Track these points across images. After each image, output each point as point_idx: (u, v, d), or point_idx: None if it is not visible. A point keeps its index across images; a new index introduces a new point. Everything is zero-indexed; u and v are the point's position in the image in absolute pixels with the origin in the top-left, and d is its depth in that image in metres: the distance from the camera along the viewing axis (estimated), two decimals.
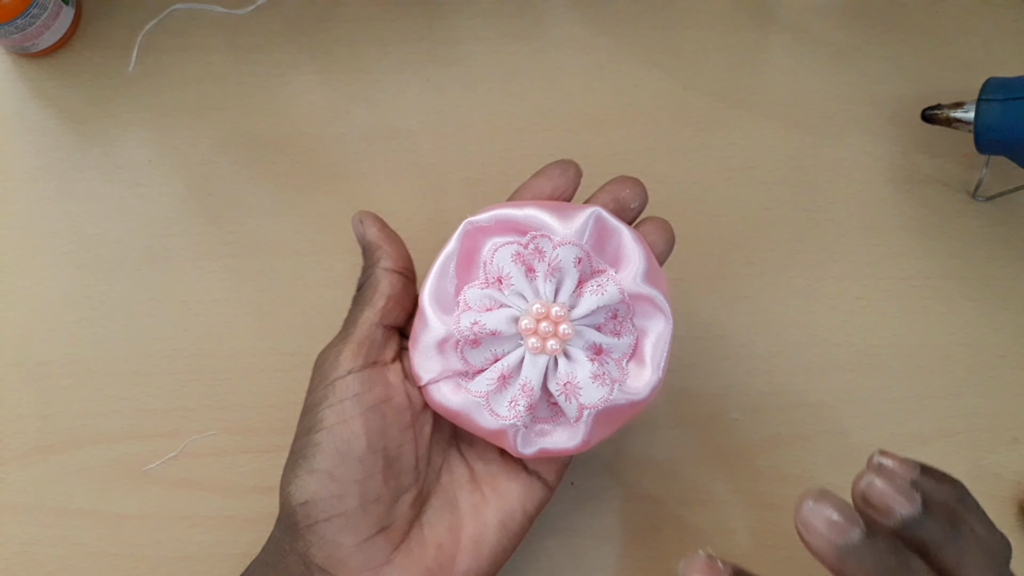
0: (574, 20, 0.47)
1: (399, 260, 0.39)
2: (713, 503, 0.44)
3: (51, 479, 0.44)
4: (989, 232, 0.46)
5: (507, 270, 0.36)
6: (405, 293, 0.39)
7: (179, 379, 0.44)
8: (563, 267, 0.36)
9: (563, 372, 0.36)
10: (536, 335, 0.36)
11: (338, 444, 0.36)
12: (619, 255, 0.37)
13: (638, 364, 0.37)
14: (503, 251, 0.36)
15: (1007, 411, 0.44)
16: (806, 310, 0.45)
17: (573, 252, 0.36)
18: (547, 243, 0.36)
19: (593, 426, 0.36)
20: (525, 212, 0.36)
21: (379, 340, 0.38)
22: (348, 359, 0.37)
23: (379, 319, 0.38)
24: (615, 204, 0.38)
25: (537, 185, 0.39)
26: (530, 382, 0.36)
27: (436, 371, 0.37)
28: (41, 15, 0.43)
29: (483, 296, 0.37)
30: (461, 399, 0.37)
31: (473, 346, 0.37)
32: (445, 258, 0.37)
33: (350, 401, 0.36)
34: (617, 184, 0.39)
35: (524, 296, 0.36)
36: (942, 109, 0.43)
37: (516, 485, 0.38)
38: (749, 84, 0.47)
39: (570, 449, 0.37)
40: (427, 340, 0.37)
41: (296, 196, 0.46)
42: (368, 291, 0.38)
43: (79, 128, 0.46)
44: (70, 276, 0.45)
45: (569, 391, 0.36)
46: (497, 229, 0.37)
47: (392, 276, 0.39)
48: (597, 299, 0.36)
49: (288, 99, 0.46)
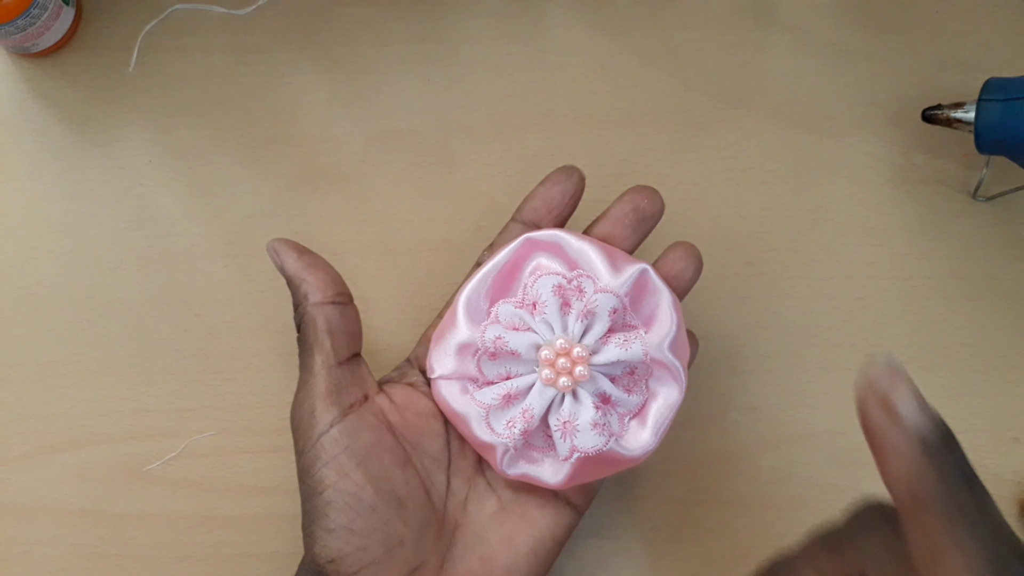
0: (574, 21, 0.47)
1: (327, 289, 0.38)
2: (713, 503, 0.44)
3: (51, 479, 0.44)
4: (989, 232, 0.46)
5: (544, 298, 0.36)
6: (345, 320, 0.38)
7: (179, 379, 0.44)
8: (598, 313, 0.36)
9: (567, 411, 0.36)
10: (552, 367, 0.36)
11: (348, 499, 0.36)
12: (654, 316, 0.37)
13: (640, 424, 0.37)
14: (545, 280, 0.37)
15: (1007, 411, 0.44)
16: (806, 310, 0.45)
17: (611, 302, 0.36)
18: (590, 284, 0.37)
19: (578, 467, 0.37)
20: (580, 246, 0.37)
21: (345, 380, 0.37)
22: (324, 412, 0.37)
23: (333, 360, 0.37)
24: (635, 214, 0.39)
25: (546, 192, 0.39)
26: (532, 409, 0.36)
27: (449, 370, 0.37)
28: (41, 15, 0.43)
29: (514, 315, 0.37)
30: (464, 404, 0.37)
31: (491, 359, 0.37)
32: (491, 267, 0.38)
33: (343, 455, 0.36)
34: (636, 194, 0.39)
35: (552, 328, 0.36)
36: (942, 109, 0.43)
37: (546, 513, 0.38)
38: (749, 84, 0.47)
39: (551, 484, 0.37)
40: (451, 340, 0.37)
41: (296, 196, 0.46)
42: (308, 333, 0.38)
43: (79, 128, 0.46)
44: (70, 276, 0.45)
45: (567, 430, 0.36)
46: (549, 250, 0.38)
47: (325, 310, 0.38)
48: (619, 353, 0.36)
49: (288, 99, 0.46)
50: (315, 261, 0.38)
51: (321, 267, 0.38)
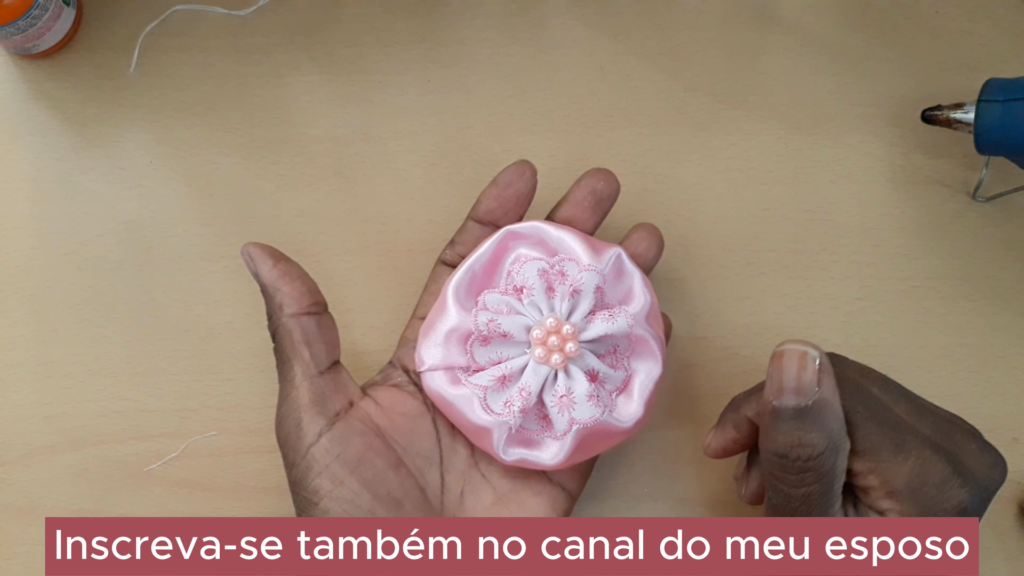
0: (575, 21, 0.47)
1: (302, 299, 0.38)
2: (713, 503, 0.44)
3: (53, 480, 0.44)
4: (989, 233, 0.46)
5: (531, 282, 0.38)
6: (323, 329, 0.38)
7: (180, 379, 0.44)
8: (583, 290, 0.37)
9: (562, 385, 0.37)
10: (544, 346, 0.37)
11: (345, 507, 0.36)
12: (629, 295, 0.39)
13: (626, 398, 0.39)
14: (530, 265, 0.38)
15: (1007, 411, 0.45)
16: (806, 310, 0.45)
17: (596, 280, 0.37)
18: (573, 267, 0.38)
19: (576, 444, 0.37)
20: (559, 234, 0.39)
21: (328, 389, 0.37)
22: (311, 423, 0.37)
23: (314, 370, 0.37)
24: (593, 196, 0.40)
25: (500, 195, 0.40)
26: (529, 387, 0.37)
27: (439, 359, 0.38)
28: (42, 16, 0.43)
29: (501, 301, 0.38)
30: (455, 391, 0.38)
31: (483, 343, 0.38)
32: (476, 258, 0.39)
33: (336, 464, 0.36)
34: (592, 177, 0.40)
35: (540, 309, 0.38)
36: (942, 110, 0.43)
37: (541, 499, 0.39)
38: (749, 85, 0.47)
39: (549, 465, 0.38)
40: (440, 328, 0.38)
41: (297, 197, 0.46)
42: (285, 344, 0.38)
43: (80, 129, 0.46)
44: (71, 277, 0.45)
45: (564, 404, 0.37)
46: (529, 241, 0.39)
47: (300, 320, 0.37)
48: (607, 326, 0.37)
49: (289, 100, 0.46)
50: (291, 269, 0.38)
51: (297, 276, 0.38)
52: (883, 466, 0.34)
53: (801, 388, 0.33)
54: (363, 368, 0.44)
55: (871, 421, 0.34)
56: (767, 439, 0.35)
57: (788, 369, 0.34)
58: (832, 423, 0.34)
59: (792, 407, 0.33)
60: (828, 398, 0.34)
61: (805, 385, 0.33)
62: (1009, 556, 0.44)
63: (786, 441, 0.34)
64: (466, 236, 0.41)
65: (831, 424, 0.34)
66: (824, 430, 0.33)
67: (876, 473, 0.34)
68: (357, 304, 0.45)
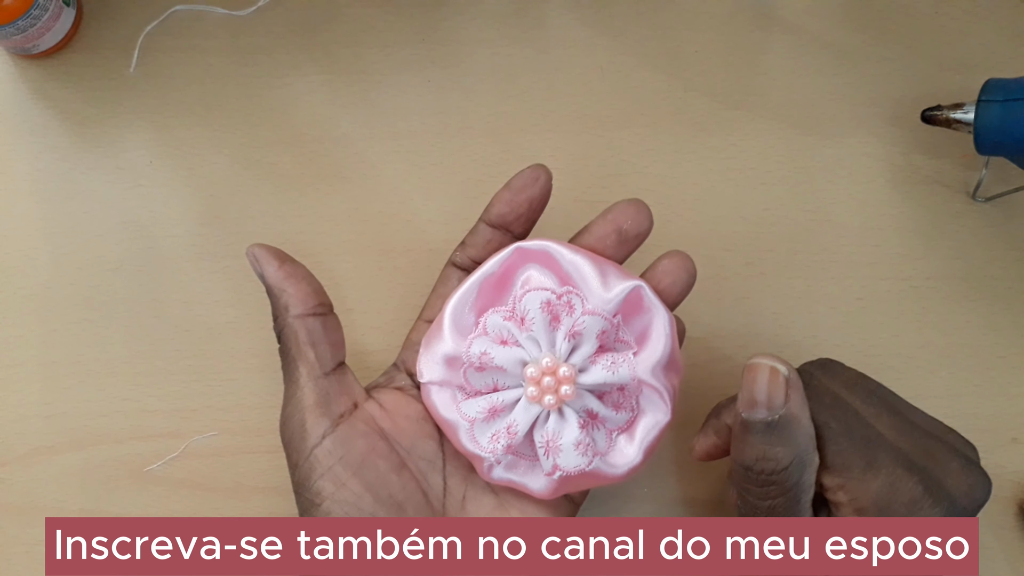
0: (575, 22, 0.47)
1: (307, 300, 0.38)
2: (713, 503, 0.44)
3: (53, 480, 0.44)
4: (989, 233, 0.46)
5: (532, 314, 0.36)
6: (328, 331, 0.38)
7: (181, 379, 0.44)
8: (584, 334, 0.36)
9: (551, 429, 0.36)
10: (537, 386, 0.36)
11: (347, 509, 0.36)
12: (647, 334, 0.37)
13: (628, 439, 0.37)
14: (533, 296, 0.36)
15: (1007, 411, 0.45)
16: (806, 310, 0.45)
17: (599, 324, 0.35)
18: (579, 302, 0.36)
19: (562, 482, 0.37)
20: (572, 259, 0.36)
21: (333, 390, 0.37)
22: (315, 424, 0.36)
23: (319, 371, 0.37)
24: (617, 236, 0.38)
25: (513, 199, 0.38)
26: (516, 425, 0.36)
27: (437, 377, 0.37)
28: (42, 16, 0.43)
29: (502, 327, 0.36)
30: (452, 413, 0.37)
31: (477, 371, 0.37)
32: (478, 276, 0.37)
33: (338, 465, 0.36)
34: (619, 214, 0.38)
35: (539, 344, 0.36)
36: (942, 110, 0.43)
37: (543, 508, 0.38)
38: (749, 85, 0.47)
39: (535, 493, 0.37)
40: (437, 351, 0.37)
41: (297, 197, 0.46)
42: (290, 345, 0.37)
43: (80, 129, 0.46)
44: (71, 277, 0.45)
45: (550, 449, 0.36)
46: (540, 261, 0.37)
47: (306, 322, 0.37)
48: (606, 375, 0.36)
49: (289, 100, 0.46)
50: (296, 271, 0.38)
51: (302, 277, 0.38)
52: (852, 483, 0.34)
53: (770, 402, 0.34)
54: (364, 368, 0.44)
55: (843, 436, 0.34)
56: (736, 450, 0.35)
57: (759, 382, 0.34)
58: (799, 438, 0.34)
59: (761, 420, 0.34)
60: (796, 413, 0.34)
61: (774, 399, 0.34)
62: (1009, 556, 0.44)
63: (753, 454, 0.34)
64: (477, 239, 0.39)
65: (798, 439, 0.34)
66: (790, 445, 0.33)
67: (845, 489, 0.34)
68: (358, 304, 0.45)
